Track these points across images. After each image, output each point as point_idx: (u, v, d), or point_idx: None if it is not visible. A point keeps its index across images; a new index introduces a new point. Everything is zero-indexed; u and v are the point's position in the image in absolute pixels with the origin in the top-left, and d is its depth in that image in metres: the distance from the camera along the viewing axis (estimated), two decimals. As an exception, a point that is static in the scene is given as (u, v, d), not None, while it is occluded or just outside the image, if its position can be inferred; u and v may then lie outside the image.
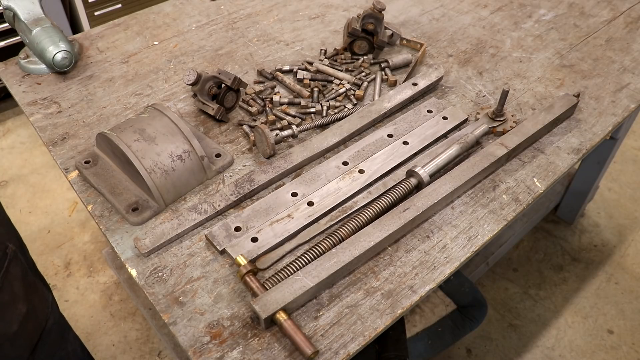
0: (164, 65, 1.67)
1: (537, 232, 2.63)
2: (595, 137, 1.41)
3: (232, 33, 1.81)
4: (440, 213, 1.23)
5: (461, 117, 1.44)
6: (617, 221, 2.67)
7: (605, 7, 1.92)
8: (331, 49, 1.71)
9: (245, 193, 1.23)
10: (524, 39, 1.77)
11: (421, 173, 1.23)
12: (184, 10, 1.92)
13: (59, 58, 1.52)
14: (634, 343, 2.21)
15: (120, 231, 1.18)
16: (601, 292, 2.39)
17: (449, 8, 1.93)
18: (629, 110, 1.49)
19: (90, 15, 3.07)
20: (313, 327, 1.02)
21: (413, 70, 1.62)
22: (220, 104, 1.43)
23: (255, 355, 0.98)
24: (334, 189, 1.24)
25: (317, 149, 1.33)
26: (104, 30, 1.82)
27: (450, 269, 1.12)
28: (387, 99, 1.46)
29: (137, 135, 1.19)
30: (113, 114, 1.49)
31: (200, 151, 1.24)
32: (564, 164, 1.34)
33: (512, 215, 1.22)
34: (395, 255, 1.14)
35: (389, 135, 1.38)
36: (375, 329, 1.02)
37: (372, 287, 1.08)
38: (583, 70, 1.63)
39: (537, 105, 1.51)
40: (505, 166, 1.33)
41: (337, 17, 1.88)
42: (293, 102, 1.50)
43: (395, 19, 1.86)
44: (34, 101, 1.53)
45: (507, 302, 2.35)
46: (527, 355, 2.19)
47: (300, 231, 1.17)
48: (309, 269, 1.04)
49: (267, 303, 0.98)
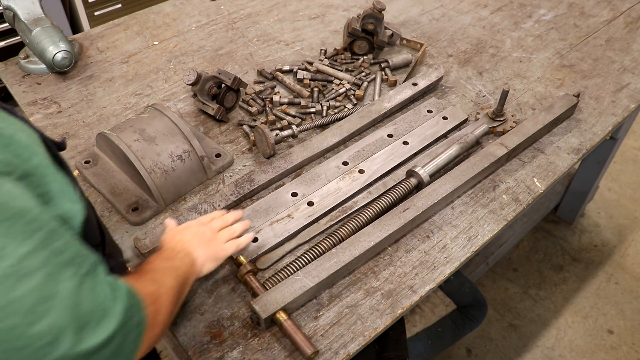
0: (164, 65, 1.67)
1: (537, 232, 2.63)
2: (595, 137, 1.41)
3: (232, 33, 1.81)
4: (440, 213, 1.22)
5: (461, 117, 1.44)
6: (617, 221, 2.67)
7: (605, 7, 1.92)
8: (331, 49, 1.71)
9: (245, 193, 1.23)
10: (524, 39, 1.77)
11: (421, 173, 1.23)
12: (184, 10, 1.92)
13: (59, 58, 1.52)
14: (634, 343, 2.21)
15: (120, 231, 1.18)
16: (601, 292, 2.39)
17: (449, 8, 1.93)
18: (629, 110, 1.49)
19: (90, 15, 3.07)
20: (313, 327, 1.02)
21: (413, 70, 1.62)
22: (220, 104, 1.43)
23: (255, 355, 0.98)
24: (334, 189, 1.24)
25: (317, 149, 1.33)
26: (104, 30, 1.82)
27: (450, 269, 1.12)
28: (387, 99, 1.46)
29: (137, 135, 1.19)
30: (113, 114, 1.49)
31: (200, 151, 1.24)
32: (564, 164, 1.34)
33: (512, 215, 1.22)
34: (395, 255, 1.14)
35: (389, 135, 1.38)
36: (375, 329, 1.02)
37: (372, 287, 1.08)
38: (583, 70, 1.63)
39: (537, 105, 1.51)
40: (505, 166, 1.33)
41: (337, 17, 1.88)
42: (293, 102, 1.49)
43: (395, 19, 1.86)
44: (34, 101, 1.53)
45: (507, 302, 2.35)
46: (527, 355, 2.19)
47: (300, 231, 1.17)
48: (309, 269, 1.04)
49: (267, 303, 0.98)
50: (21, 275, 0.55)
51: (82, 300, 0.60)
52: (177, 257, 0.93)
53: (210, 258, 0.99)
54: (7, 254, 0.54)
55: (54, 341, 0.57)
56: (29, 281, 0.55)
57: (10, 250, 0.54)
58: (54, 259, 0.58)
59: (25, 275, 0.55)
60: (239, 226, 1.08)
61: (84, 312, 0.60)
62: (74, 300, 0.59)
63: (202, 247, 0.99)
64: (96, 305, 0.62)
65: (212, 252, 1.00)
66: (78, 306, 0.59)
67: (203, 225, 1.04)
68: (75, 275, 0.60)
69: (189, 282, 0.93)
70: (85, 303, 0.60)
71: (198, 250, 0.98)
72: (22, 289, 0.55)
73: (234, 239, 1.05)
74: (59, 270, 0.59)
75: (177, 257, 0.93)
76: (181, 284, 0.88)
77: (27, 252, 0.56)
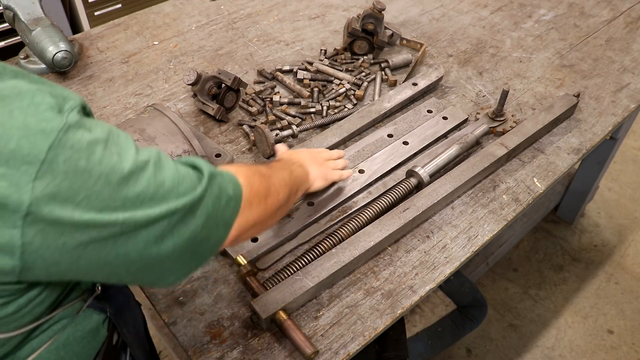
0: (164, 65, 1.67)
1: (537, 232, 2.63)
2: (595, 137, 1.41)
3: (232, 33, 1.81)
4: (440, 213, 1.22)
5: (461, 117, 1.44)
6: (617, 221, 2.67)
7: (605, 7, 1.92)
8: (331, 49, 1.71)
9: (245, 193, 1.23)
10: (524, 39, 1.77)
11: (421, 173, 1.23)
12: (184, 10, 1.92)
13: (59, 58, 1.52)
14: (634, 343, 2.21)
15: (120, 231, 1.18)
16: (601, 292, 2.39)
17: (449, 8, 1.93)
18: (629, 110, 1.49)
19: (90, 15, 3.06)
20: (313, 327, 1.02)
21: (413, 70, 1.62)
22: (220, 104, 1.43)
23: (255, 355, 0.98)
24: (334, 189, 1.24)
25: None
26: (104, 30, 1.82)
27: (450, 269, 1.12)
28: (387, 99, 1.46)
29: (137, 135, 1.19)
30: (113, 114, 1.49)
31: (200, 151, 1.23)
32: (564, 164, 1.34)
33: (512, 215, 1.22)
34: (395, 255, 1.14)
35: (389, 135, 1.38)
36: (375, 329, 1.02)
37: (372, 287, 1.08)
38: (583, 70, 1.63)
39: (537, 105, 1.51)
40: (505, 166, 1.33)
41: (337, 17, 1.88)
42: (293, 102, 1.49)
43: (395, 19, 1.86)
44: (34, 101, 1.53)
45: (507, 302, 2.35)
46: (527, 355, 2.19)
47: (300, 231, 1.17)
48: (309, 269, 1.04)
49: (267, 303, 0.98)
50: (140, 168, 0.62)
51: (183, 175, 0.67)
52: (294, 166, 1.04)
53: (320, 177, 1.13)
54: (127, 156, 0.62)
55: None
56: (146, 171, 0.62)
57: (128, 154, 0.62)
58: (156, 155, 0.66)
59: (142, 169, 0.62)
60: (342, 162, 1.22)
61: (187, 180, 0.67)
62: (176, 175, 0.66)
63: (314, 165, 1.12)
64: (190, 176, 0.68)
65: (322, 172, 1.14)
66: (182, 181, 0.66)
67: (315, 151, 1.19)
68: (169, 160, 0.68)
69: (302, 189, 1.04)
70: (186, 176, 0.67)
71: (312, 166, 1.11)
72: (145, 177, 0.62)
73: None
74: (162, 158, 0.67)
75: (294, 165, 1.04)
76: (294, 184, 0.97)
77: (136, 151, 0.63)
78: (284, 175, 0.93)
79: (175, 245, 0.65)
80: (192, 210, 0.66)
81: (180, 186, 0.65)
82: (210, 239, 0.70)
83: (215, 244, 0.72)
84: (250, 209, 0.78)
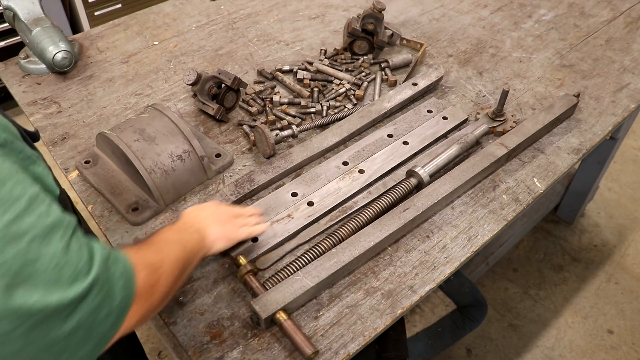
0: (164, 65, 1.67)
1: (537, 232, 2.63)
2: (595, 137, 1.41)
3: (232, 33, 1.81)
4: (440, 213, 1.22)
5: (461, 117, 1.44)
6: (617, 221, 2.67)
7: (605, 7, 1.92)
8: (331, 49, 1.71)
9: (245, 193, 1.23)
10: (524, 39, 1.77)
11: (421, 173, 1.23)
12: (184, 10, 1.92)
13: (59, 58, 1.52)
14: (634, 343, 2.21)
15: (120, 231, 1.18)
16: (601, 292, 2.39)
17: (449, 8, 1.93)
18: (629, 110, 1.49)
19: (90, 15, 3.07)
20: (313, 327, 1.02)
21: (413, 70, 1.62)
22: (220, 104, 1.43)
23: (255, 355, 0.98)
24: (334, 189, 1.24)
25: (317, 149, 1.33)
26: (104, 30, 1.82)
27: (450, 269, 1.12)
28: (387, 99, 1.46)
29: (137, 135, 1.19)
30: (113, 114, 1.49)
31: (200, 151, 1.24)
32: (564, 164, 1.34)
33: (512, 215, 1.22)
34: (395, 255, 1.14)
35: (389, 135, 1.38)
36: (375, 329, 1.02)
37: (372, 287, 1.08)
38: (583, 70, 1.63)
39: (537, 105, 1.51)
40: (505, 166, 1.33)
41: (337, 17, 1.88)
42: (293, 102, 1.49)
43: (395, 19, 1.86)
44: (34, 101, 1.53)
45: (507, 302, 2.35)
46: (527, 355, 2.19)
47: (300, 231, 1.17)
48: (309, 269, 1.04)
49: (267, 303, 0.98)
50: (10, 239, 0.55)
51: (68, 260, 0.60)
52: (188, 231, 0.96)
53: (222, 237, 1.03)
54: None
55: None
56: (18, 244, 0.55)
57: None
58: (40, 222, 0.58)
59: (13, 239, 0.55)
60: (254, 219, 1.13)
61: (69, 269, 0.60)
62: (60, 261, 0.59)
63: (216, 225, 1.03)
64: (77, 263, 0.61)
65: (225, 232, 1.04)
66: (63, 267, 0.59)
67: (221, 207, 1.09)
68: (63, 237, 0.61)
69: (197, 258, 0.95)
70: (71, 262, 0.60)
71: (212, 227, 1.02)
72: (11, 251, 0.55)
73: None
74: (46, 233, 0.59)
75: (187, 231, 0.96)
76: (187, 258, 0.90)
77: (13, 218, 0.56)
78: (175, 255, 0.86)
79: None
80: (60, 311, 0.57)
81: (61, 271, 0.57)
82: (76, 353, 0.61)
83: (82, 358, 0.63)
84: (136, 310, 0.71)
